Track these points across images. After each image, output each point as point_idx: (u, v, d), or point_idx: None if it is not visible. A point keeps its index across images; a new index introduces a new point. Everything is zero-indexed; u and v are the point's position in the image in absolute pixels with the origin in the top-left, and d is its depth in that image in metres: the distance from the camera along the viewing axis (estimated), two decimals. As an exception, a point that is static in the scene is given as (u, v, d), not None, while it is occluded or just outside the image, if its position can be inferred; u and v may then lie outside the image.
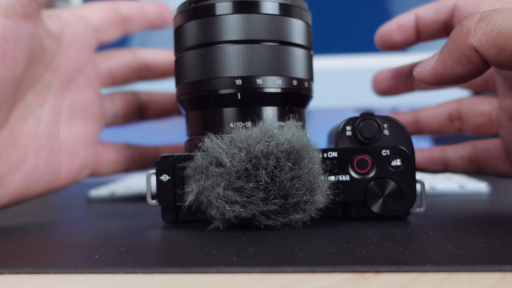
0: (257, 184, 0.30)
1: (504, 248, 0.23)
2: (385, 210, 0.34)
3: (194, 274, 0.21)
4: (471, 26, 0.29)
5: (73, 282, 0.21)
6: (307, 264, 0.22)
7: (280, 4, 0.34)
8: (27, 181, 0.37)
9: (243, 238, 0.28)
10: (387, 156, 0.34)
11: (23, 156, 0.36)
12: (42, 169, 0.38)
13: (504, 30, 0.28)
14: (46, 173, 0.38)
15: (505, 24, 0.28)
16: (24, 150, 0.36)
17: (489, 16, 0.29)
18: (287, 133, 0.31)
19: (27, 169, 0.37)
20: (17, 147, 0.36)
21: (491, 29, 0.28)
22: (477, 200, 0.48)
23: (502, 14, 0.28)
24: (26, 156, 0.37)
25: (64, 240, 0.31)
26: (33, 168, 0.37)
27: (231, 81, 0.33)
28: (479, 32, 0.29)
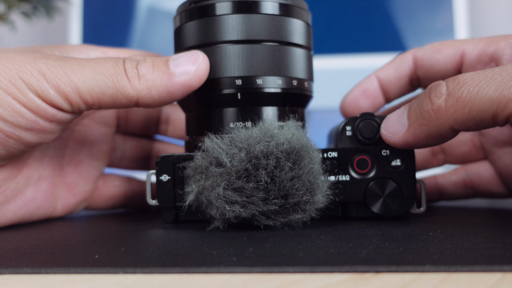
0: (257, 184, 0.30)
1: (504, 248, 0.23)
2: (385, 210, 0.34)
3: (194, 274, 0.21)
4: (441, 104, 0.29)
5: (73, 282, 0.21)
6: (307, 264, 0.22)
7: (280, 4, 0.34)
8: (22, 212, 0.36)
9: (243, 238, 0.28)
10: (387, 156, 0.34)
11: (23, 187, 0.36)
12: (40, 201, 0.37)
13: (476, 104, 0.27)
14: (43, 205, 0.38)
15: (474, 97, 0.27)
16: (25, 181, 0.36)
17: (455, 89, 0.28)
18: (287, 133, 0.31)
19: (23, 200, 0.36)
20: (18, 177, 0.35)
21: (462, 105, 0.28)
22: (477, 200, 0.48)
23: (467, 86, 0.28)
24: (25, 187, 0.36)
25: (64, 240, 0.31)
26: (30, 199, 0.37)
27: (231, 81, 0.33)
28: (451, 111, 0.28)
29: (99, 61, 0.32)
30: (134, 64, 0.33)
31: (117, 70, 0.32)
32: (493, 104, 0.27)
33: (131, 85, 0.32)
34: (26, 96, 0.31)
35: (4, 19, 0.86)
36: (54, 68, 0.31)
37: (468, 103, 0.28)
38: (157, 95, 0.32)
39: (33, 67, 0.31)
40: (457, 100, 0.28)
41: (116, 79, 0.32)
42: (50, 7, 0.87)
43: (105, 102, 0.32)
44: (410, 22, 0.79)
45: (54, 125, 0.32)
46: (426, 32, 0.78)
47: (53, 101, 0.31)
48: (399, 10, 0.78)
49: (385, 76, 0.41)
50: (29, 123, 0.31)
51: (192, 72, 0.33)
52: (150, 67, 0.33)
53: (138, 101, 0.32)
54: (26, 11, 0.86)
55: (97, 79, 0.31)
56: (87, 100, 0.32)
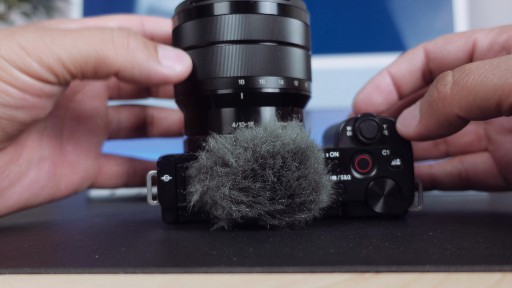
0: (264, 184, 0.30)
1: (504, 248, 0.23)
2: (386, 209, 0.34)
3: (194, 274, 0.21)
4: (446, 93, 0.29)
5: (73, 282, 0.21)
6: (307, 264, 0.22)
7: (278, 4, 0.34)
8: (27, 194, 0.36)
9: (243, 238, 0.28)
10: (387, 156, 0.34)
11: (25, 169, 0.36)
12: (43, 182, 0.37)
13: (480, 92, 0.28)
14: (47, 185, 0.38)
15: (478, 85, 0.28)
16: (27, 163, 0.36)
17: (461, 78, 0.29)
18: (291, 133, 0.31)
19: (27, 182, 0.36)
20: (20, 160, 0.35)
21: (466, 93, 0.28)
22: (477, 200, 0.48)
23: (472, 74, 0.28)
24: (28, 169, 0.36)
25: (64, 240, 0.31)
26: (33, 180, 0.37)
27: (234, 81, 0.33)
28: (456, 99, 0.29)
29: (81, 30, 0.31)
30: (125, 35, 0.32)
31: (102, 39, 0.31)
32: (497, 92, 0.27)
33: (116, 53, 0.31)
34: (10, 74, 0.30)
35: (4, 19, 0.86)
36: (34, 40, 0.30)
37: (473, 91, 0.28)
38: (138, 73, 0.32)
39: (12, 43, 0.30)
40: (462, 88, 0.28)
41: (100, 48, 0.31)
42: (50, 7, 0.87)
43: (88, 71, 0.32)
44: (410, 22, 0.79)
45: (44, 100, 0.32)
46: (426, 32, 0.78)
47: (37, 74, 0.31)
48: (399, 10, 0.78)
49: (397, 71, 0.40)
50: (18, 101, 0.31)
51: (177, 70, 0.33)
52: (141, 44, 0.32)
53: (117, 72, 0.32)
54: (26, 11, 0.86)
55: (79, 47, 0.31)
56: (70, 69, 0.31)
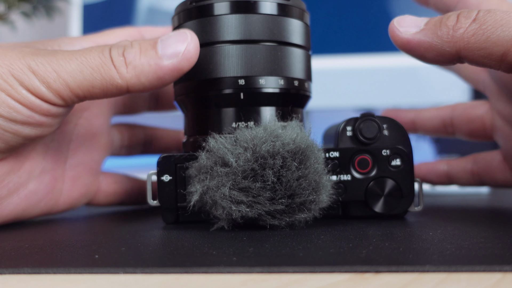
0: (264, 184, 0.30)
1: (504, 248, 0.23)
2: (386, 209, 0.34)
3: (194, 274, 0.21)
4: (464, 25, 0.29)
5: (73, 282, 0.21)
6: (307, 264, 0.22)
7: (278, 4, 0.34)
8: (24, 205, 0.36)
9: (243, 238, 0.28)
10: (387, 156, 0.34)
11: (25, 180, 0.36)
12: (42, 194, 0.37)
13: (494, 36, 0.28)
14: (45, 198, 0.38)
15: (495, 28, 0.28)
16: (27, 174, 0.36)
17: (484, 17, 0.29)
18: (291, 133, 0.31)
19: (25, 193, 0.36)
20: (20, 171, 0.35)
21: (481, 32, 0.28)
22: (477, 200, 0.48)
23: (495, 17, 0.28)
24: (28, 180, 0.36)
25: (64, 240, 0.31)
26: (32, 192, 0.36)
27: (234, 81, 0.33)
28: (469, 34, 0.29)
29: (85, 53, 0.32)
30: (120, 51, 0.32)
31: (103, 60, 0.31)
32: (509, 42, 0.27)
33: (119, 74, 0.31)
34: (19, 93, 0.31)
35: (4, 19, 0.86)
36: (42, 65, 0.31)
37: (487, 32, 0.28)
38: (147, 81, 0.32)
39: (23, 64, 0.31)
40: (480, 26, 0.28)
41: (103, 70, 0.31)
42: (50, 7, 0.87)
43: (96, 93, 0.32)
44: (410, 22, 0.78)
45: (51, 119, 0.32)
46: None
47: (45, 97, 0.31)
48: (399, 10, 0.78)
49: None
50: (25, 118, 0.31)
51: (180, 54, 0.32)
52: (138, 52, 0.32)
53: (128, 89, 0.32)
54: (26, 11, 0.86)
55: (84, 73, 0.31)
56: (78, 94, 0.31)
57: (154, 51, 0.32)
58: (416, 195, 0.35)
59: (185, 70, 0.32)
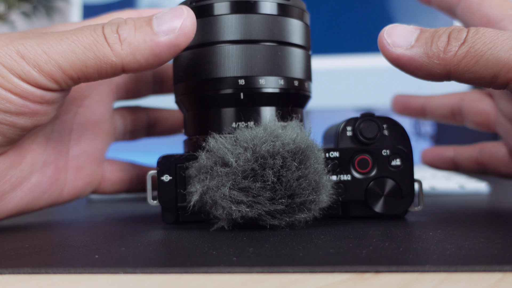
0: (264, 184, 0.30)
1: (504, 248, 0.23)
2: (386, 209, 0.34)
3: (194, 274, 0.21)
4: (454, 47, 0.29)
5: (73, 282, 0.21)
6: (307, 264, 0.22)
7: (278, 4, 0.34)
8: (28, 198, 0.36)
9: (243, 238, 0.28)
10: (387, 156, 0.34)
11: (28, 173, 0.35)
12: (45, 186, 0.37)
13: (483, 59, 0.28)
14: (49, 190, 0.37)
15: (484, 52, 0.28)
16: (29, 167, 0.35)
17: (473, 38, 0.29)
18: (291, 133, 0.31)
19: (29, 186, 0.36)
20: (22, 164, 0.35)
21: (471, 55, 0.29)
22: (477, 200, 0.48)
23: (484, 39, 0.28)
24: (30, 173, 0.36)
25: (64, 240, 0.31)
26: (35, 185, 0.36)
27: (234, 81, 0.33)
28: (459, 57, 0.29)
29: (76, 32, 0.31)
30: (114, 28, 0.31)
31: (96, 38, 0.30)
32: (499, 65, 0.28)
33: (113, 51, 0.30)
34: (9, 81, 0.30)
35: (4, 19, 0.86)
36: (31, 47, 0.30)
37: (477, 55, 0.28)
38: (143, 58, 0.31)
39: (11, 50, 0.30)
40: (469, 49, 0.29)
41: (96, 48, 0.30)
42: (50, 7, 0.87)
43: (90, 74, 0.31)
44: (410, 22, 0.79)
45: (46, 106, 0.32)
46: (426, 32, 0.78)
47: (38, 82, 0.30)
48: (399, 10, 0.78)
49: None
50: (19, 108, 0.30)
51: (177, 29, 0.31)
52: (132, 29, 0.31)
53: (123, 67, 0.31)
54: (26, 11, 0.86)
55: (76, 52, 0.30)
56: (71, 75, 0.31)
57: (150, 27, 0.31)
58: (416, 195, 0.35)
59: (182, 46, 0.31)
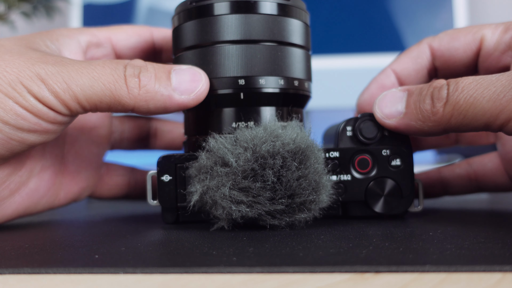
0: (264, 184, 0.30)
1: (504, 248, 0.23)
2: (386, 209, 0.34)
3: (194, 274, 0.21)
4: (439, 109, 0.30)
5: (73, 282, 0.21)
6: (307, 264, 0.22)
7: (278, 4, 0.34)
8: (27, 203, 0.36)
9: (243, 238, 0.28)
10: (387, 156, 0.34)
11: (26, 179, 0.36)
12: (43, 191, 0.37)
13: (470, 112, 0.29)
14: (46, 194, 0.38)
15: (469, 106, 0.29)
16: (28, 173, 0.36)
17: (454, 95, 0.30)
18: (291, 133, 0.31)
19: (27, 192, 0.36)
20: (22, 170, 0.35)
21: (457, 112, 0.29)
22: (477, 200, 0.48)
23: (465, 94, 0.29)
24: (28, 178, 0.36)
25: (64, 240, 0.31)
26: (33, 190, 0.36)
27: (234, 81, 0.33)
28: (447, 117, 0.30)
29: (97, 67, 0.31)
30: (136, 72, 0.32)
31: (116, 78, 0.31)
32: (486, 115, 0.29)
33: (129, 94, 0.31)
34: (27, 101, 0.30)
35: (4, 19, 0.86)
36: (53, 74, 0.31)
37: (463, 111, 0.29)
38: (154, 108, 0.32)
39: (32, 72, 0.31)
40: (454, 107, 0.30)
41: (114, 88, 0.31)
42: (50, 7, 0.87)
43: (101, 108, 0.32)
44: (410, 22, 0.79)
45: (57, 126, 0.32)
46: (426, 32, 0.78)
47: (52, 106, 0.31)
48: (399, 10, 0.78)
49: (402, 69, 0.40)
50: (32, 126, 0.31)
51: (194, 93, 0.32)
52: (153, 78, 0.32)
53: (133, 110, 0.32)
54: (26, 11, 0.86)
55: (94, 88, 0.31)
56: (84, 106, 0.32)
57: (169, 81, 0.32)
58: (416, 195, 0.35)
59: (189, 107, 0.33)
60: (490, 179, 0.42)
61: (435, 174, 0.43)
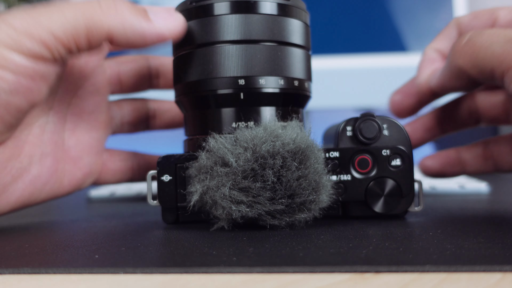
0: (264, 184, 0.30)
1: (504, 248, 0.23)
2: (386, 209, 0.34)
3: (194, 274, 0.21)
4: (460, 46, 0.33)
5: (73, 282, 0.21)
6: (307, 264, 0.22)
7: (278, 4, 0.34)
8: (30, 190, 0.36)
9: (243, 238, 0.28)
10: (387, 156, 0.34)
11: (27, 165, 0.36)
12: (45, 177, 0.37)
13: (482, 53, 0.31)
14: (49, 181, 0.37)
15: (483, 47, 0.31)
16: (28, 159, 0.36)
17: (475, 37, 0.32)
18: (291, 133, 0.31)
19: (30, 178, 0.36)
20: (21, 156, 0.35)
21: (472, 51, 0.32)
22: (477, 200, 0.48)
23: (484, 37, 0.32)
24: (30, 165, 0.36)
25: (64, 240, 0.31)
26: (36, 176, 0.36)
27: (234, 81, 0.33)
28: (463, 53, 0.33)
29: (68, 2, 0.31)
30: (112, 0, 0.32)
31: (89, 5, 0.31)
32: (494, 58, 0.30)
33: (103, 15, 0.31)
34: (2, 56, 0.30)
35: (4, 19, 0.86)
36: (23, 18, 0.30)
37: (477, 49, 0.32)
38: (131, 34, 0.32)
39: (1, 24, 0.30)
40: (471, 45, 0.32)
41: (88, 12, 0.31)
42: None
43: (80, 41, 0.31)
44: (410, 22, 0.79)
45: (39, 83, 0.32)
46: (426, 32, 0.78)
47: (30, 51, 0.30)
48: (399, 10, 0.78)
49: (442, 47, 0.43)
50: (13, 85, 0.30)
51: (169, 26, 0.32)
52: (129, 5, 0.32)
53: (109, 34, 0.32)
54: (26, 11, 0.86)
55: (67, 17, 0.30)
56: (62, 40, 0.31)
57: (145, 12, 0.32)
58: (416, 195, 0.35)
59: (167, 39, 0.33)
60: (506, 158, 0.43)
61: (454, 154, 0.45)
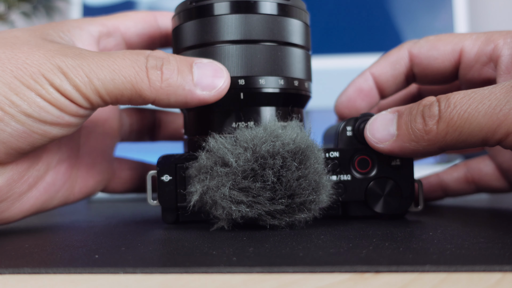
0: (264, 184, 0.30)
1: (504, 248, 0.23)
2: (386, 209, 0.34)
3: (194, 274, 0.21)
4: (433, 127, 0.29)
5: (73, 282, 0.21)
6: (307, 264, 0.22)
7: (278, 4, 0.34)
8: (44, 197, 0.36)
9: (243, 238, 0.28)
10: (387, 156, 0.34)
11: (43, 173, 0.35)
12: (59, 184, 0.37)
13: (466, 129, 0.28)
14: (62, 188, 0.37)
15: (464, 122, 0.28)
16: (45, 166, 0.35)
17: (447, 112, 0.28)
18: (291, 133, 0.31)
19: (44, 186, 0.36)
20: (39, 164, 0.35)
21: (452, 129, 0.28)
22: (477, 200, 0.48)
23: (458, 109, 0.28)
24: (46, 172, 0.36)
25: (64, 240, 0.31)
26: (50, 184, 0.36)
27: (234, 81, 0.33)
28: (442, 135, 0.29)
29: (117, 59, 0.31)
30: (159, 64, 0.31)
31: (137, 71, 0.31)
32: (483, 131, 0.27)
33: (151, 88, 0.31)
34: (49, 93, 0.30)
35: (4, 19, 0.86)
36: (74, 68, 0.30)
37: (459, 127, 0.28)
38: (175, 101, 0.32)
39: (53, 65, 0.30)
40: (448, 124, 0.28)
41: (135, 81, 0.31)
42: (50, 7, 0.87)
43: (122, 101, 0.32)
44: (410, 22, 0.79)
45: (78, 119, 0.32)
46: (426, 32, 0.78)
47: (74, 99, 0.31)
48: (399, 10, 0.78)
49: (380, 74, 0.40)
50: (55, 119, 0.31)
51: (215, 90, 0.32)
52: (175, 71, 0.31)
53: (153, 102, 0.32)
54: (26, 11, 0.86)
55: (115, 81, 0.31)
56: (105, 99, 0.31)
57: (191, 75, 0.32)
58: (416, 195, 0.35)
59: (210, 102, 0.32)
60: (487, 183, 0.42)
61: (435, 179, 0.44)
